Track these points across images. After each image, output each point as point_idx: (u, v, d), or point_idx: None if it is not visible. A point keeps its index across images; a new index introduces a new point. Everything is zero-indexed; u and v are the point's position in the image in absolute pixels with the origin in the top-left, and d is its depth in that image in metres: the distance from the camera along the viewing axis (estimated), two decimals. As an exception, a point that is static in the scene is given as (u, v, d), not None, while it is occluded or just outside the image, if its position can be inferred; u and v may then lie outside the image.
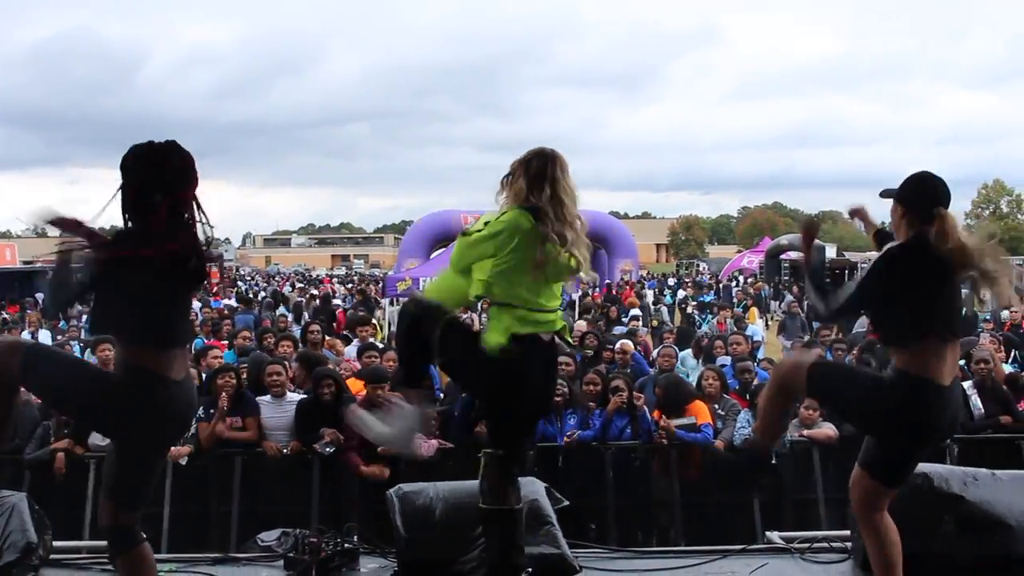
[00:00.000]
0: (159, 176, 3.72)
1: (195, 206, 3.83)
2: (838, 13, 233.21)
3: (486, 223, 4.31)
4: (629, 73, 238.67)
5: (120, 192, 3.76)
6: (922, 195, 4.17)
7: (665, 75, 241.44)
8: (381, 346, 11.21)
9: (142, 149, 3.78)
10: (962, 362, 9.85)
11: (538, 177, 4.28)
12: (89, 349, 10.59)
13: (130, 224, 3.75)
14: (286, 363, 8.82)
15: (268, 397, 8.08)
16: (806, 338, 12.76)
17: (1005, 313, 18.43)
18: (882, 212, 4.72)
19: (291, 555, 5.18)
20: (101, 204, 3.74)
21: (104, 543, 4.30)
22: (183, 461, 7.47)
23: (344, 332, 14.77)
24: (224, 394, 7.73)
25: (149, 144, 3.78)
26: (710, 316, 19.73)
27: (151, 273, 3.64)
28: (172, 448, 7.46)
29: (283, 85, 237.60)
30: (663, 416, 8.04)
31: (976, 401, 8.56)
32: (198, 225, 3.84)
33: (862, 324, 13.13)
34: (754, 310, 20.46)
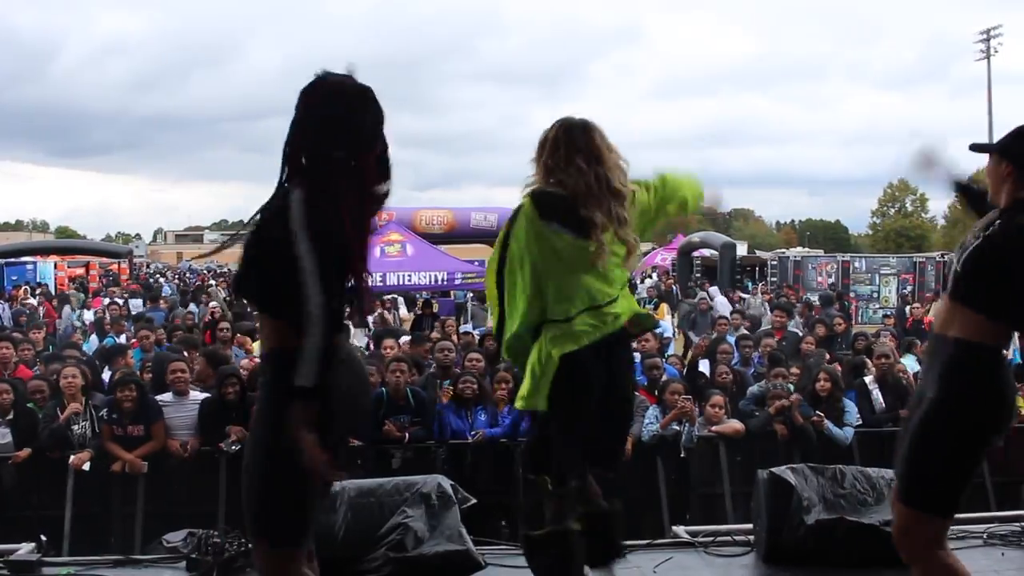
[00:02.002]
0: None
1: None
2: (758, 15, 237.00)
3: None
4: (550, 71, 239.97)
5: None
6: None
7: (586, 73, 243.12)
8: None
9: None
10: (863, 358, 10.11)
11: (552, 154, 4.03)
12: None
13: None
14: (188, 362, 8.71)
15: (170, 395, 7.94)
16: (714, 335, 12.91)
17: (907, 309, 18.95)
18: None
19: (194, 556, 5.10)
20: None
21: None
22: (86, 467, 7.31)
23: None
24: (125, 407, 7.60)
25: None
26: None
27: None
28: (72, 456, 7.33)
29: (201, 78, 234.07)
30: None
31: (877, 395, 8.78)
32: None
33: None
34: (664, 306, 20.63)
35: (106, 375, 9.83)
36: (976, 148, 3.75)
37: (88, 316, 19.26)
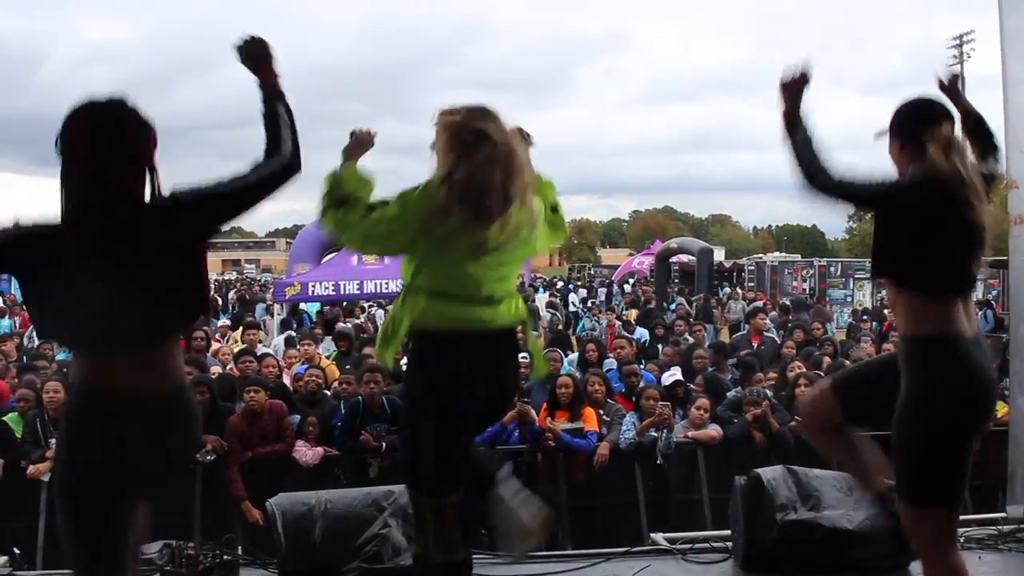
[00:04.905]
0: None
1: None
2: (744, 21, 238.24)
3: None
4: (537, 77, 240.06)
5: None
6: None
7: (572, 80, 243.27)
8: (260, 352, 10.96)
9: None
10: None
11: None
12: None
13: None
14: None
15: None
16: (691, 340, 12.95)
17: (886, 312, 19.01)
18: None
19: (167, 568, 5.06)
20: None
21: None
22: (46, 478, 7.23)
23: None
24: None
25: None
26: (586, 318, 19.95)
27: None
28: (31, 467, 7.26)
29: (186, 86, 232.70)
30: (549, 417, 8.06)
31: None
32: None
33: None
34: (634, 312, 20.72)
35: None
36: (878, 135, 3.82)
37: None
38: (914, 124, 3.63)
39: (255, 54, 3.38)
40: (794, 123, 3.76)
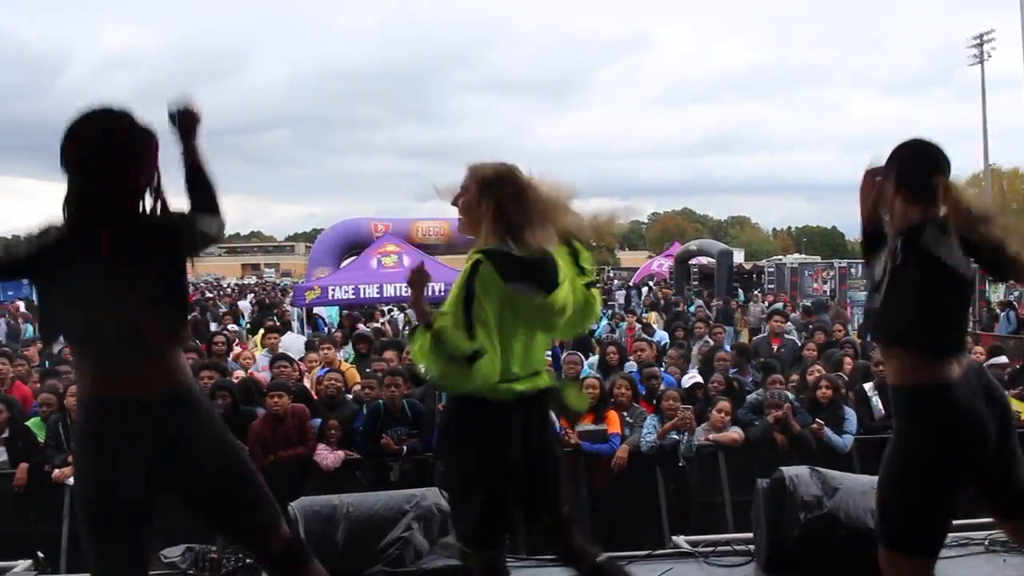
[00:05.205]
0: None
1: None
2: (764, 22, 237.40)
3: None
4: (557, 80, 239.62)
5: None
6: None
7: (593, 82, 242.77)
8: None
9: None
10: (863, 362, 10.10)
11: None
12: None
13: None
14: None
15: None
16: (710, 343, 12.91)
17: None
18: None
19: (190, 572, 5.08)
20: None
21: None
22: (70, 482, 7.25)
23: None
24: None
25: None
26: (606, 320, 19.92)
27: None
28: (56, 471, 7.30)
29: (206, 90, 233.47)
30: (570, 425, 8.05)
31: (876, 402, 8.76)
32: None
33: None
34: (653, 314, 20.67)
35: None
36: (872, 172, 3.72)
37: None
38: (916, 170, 3.56)
39: (188, 124, 3.39)
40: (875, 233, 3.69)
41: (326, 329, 17.58)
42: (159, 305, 3.11)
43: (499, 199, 3.69)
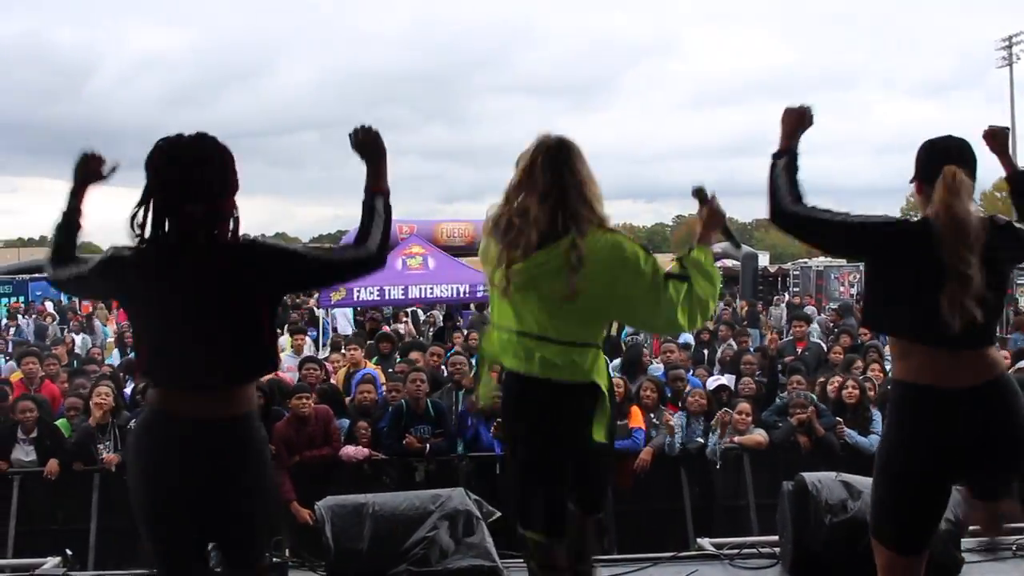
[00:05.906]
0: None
1: None
2: (794, 25, 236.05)
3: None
4: (583, 82, 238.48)
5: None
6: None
7: (619, 85, 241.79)
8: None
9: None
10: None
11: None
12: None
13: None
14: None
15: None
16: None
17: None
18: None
19: (217, 571, 5.09)
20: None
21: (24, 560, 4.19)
22: (114, 467, 7.31)
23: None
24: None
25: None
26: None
27: None
28: (105, 455, 7.39)
29: (234, 93, 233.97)
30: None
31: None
32: None
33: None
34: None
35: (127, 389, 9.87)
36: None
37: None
38: (926, 163, 3.53)
39: (366, 144, 3.45)
40: (786, 152, 3.82)
41: (330, 332, 17.71)
42: (231, 338, 3.08)
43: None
